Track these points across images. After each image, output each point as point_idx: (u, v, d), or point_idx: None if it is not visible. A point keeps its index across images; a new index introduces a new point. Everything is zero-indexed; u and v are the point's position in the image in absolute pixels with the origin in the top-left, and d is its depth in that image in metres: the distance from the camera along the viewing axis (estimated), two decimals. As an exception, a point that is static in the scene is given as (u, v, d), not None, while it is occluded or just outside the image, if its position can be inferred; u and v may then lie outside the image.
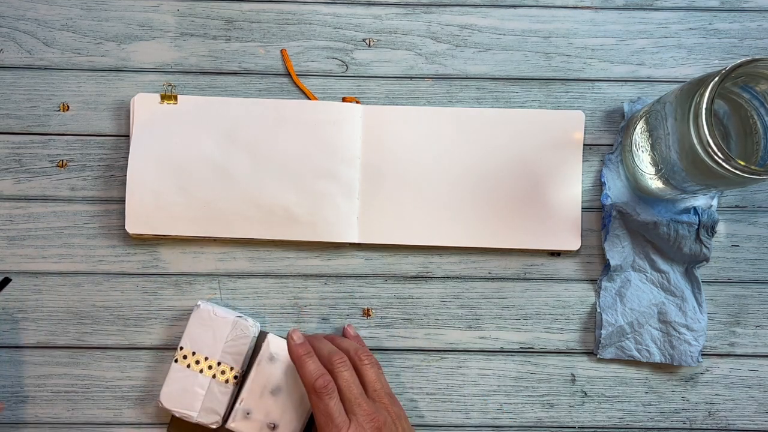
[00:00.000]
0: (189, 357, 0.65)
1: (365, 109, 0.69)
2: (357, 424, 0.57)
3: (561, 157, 0.69)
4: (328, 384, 0.58)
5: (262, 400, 0.64)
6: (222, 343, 0.65)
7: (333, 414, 0.57)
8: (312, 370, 0.59)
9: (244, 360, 0.65)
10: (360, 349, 0.62)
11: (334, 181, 0.68)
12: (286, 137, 0.69)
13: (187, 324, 0.66)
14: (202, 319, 0.65)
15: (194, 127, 0.69)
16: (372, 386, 0.60)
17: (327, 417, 0.58)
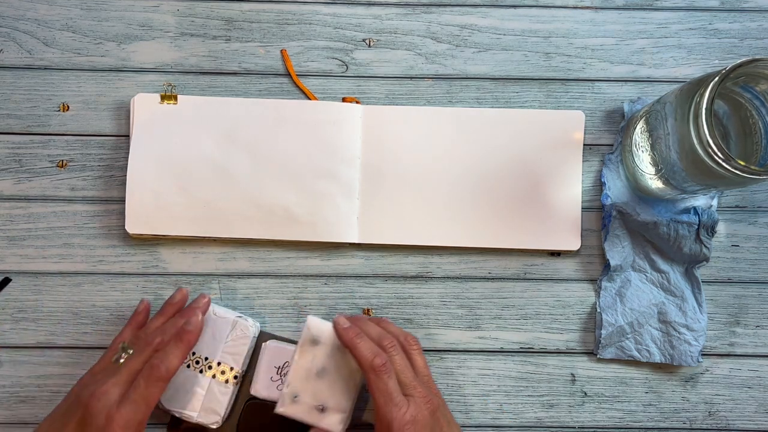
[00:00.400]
0: (189, 357, 0.65)
1: (365, 109, 0.69)
2: (415, 405, 0.57)
3: (561, 157, 0.69)
4: (386, 362, 0.58)
5: (309, 383, 0.63)
6: (222, 343, 0.65)
7: (392, 393, 0.58)
8: (368, 350, 0.59)
9: (244, 360, 0.65)
10: (409, 335, 0.63)
11: (334, 181, 0.68)
12: (286, 137, 0.69)
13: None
14: None
15: (194, 127, 0.69)
16: (421, 372, 0.61)
17: (386, 396, 0.57)
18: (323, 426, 0.62)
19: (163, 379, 0.57)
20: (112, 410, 0.54)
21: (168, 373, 0.57)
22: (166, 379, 0.57)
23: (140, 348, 0.60)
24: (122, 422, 0.54)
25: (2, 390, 0.68)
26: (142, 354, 0.59)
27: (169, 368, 0.57)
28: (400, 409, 0.57)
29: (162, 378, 0.57)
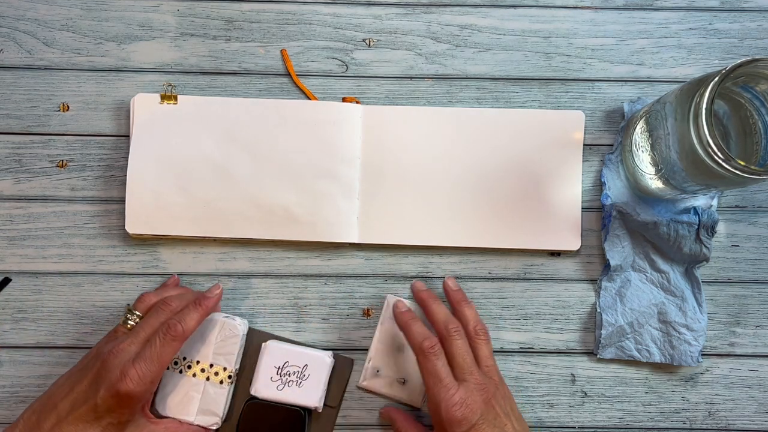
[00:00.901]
0: (180, 362, 0.65)
1: (365, 109, 0.69)
2: (466, 389, 0.58)
3: (561, 157, 0.69)
4: (434, 345, 0.60)
5: (390, 358, 0.67)
6: (212, 345, 0.65)
7: (441, 374, 0.59)
8: (417, 332, 0.61)
9: (236, 359, 0.65)
10: (479, 324, 0.63)
11: (334, 181, 0.68)
12: (286, 137, 0.69)
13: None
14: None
15: (194, 127, 0.69)
16: (485, 362, 0.62)
17: (435, 377, 0.59)
18: (404, 399, 0.67)
19: (179, 338, 0.58)
20: (126, 366, 0.56)
21: (184, 333, 0.59)
22: (182, 338, 0.58)
23: (158, 310, 0.61)
24: (135, 377, 0.56)
25: (2, 390, 0.68)
26: (160, 316, 0.61)
27: (185, 328, 0.59)
28: (449, 391, 0.58)
29: (177, 337, 0.58)
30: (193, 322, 0.60)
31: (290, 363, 0.65)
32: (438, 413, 0.58)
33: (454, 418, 0.57)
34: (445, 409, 0.57)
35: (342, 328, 0.69)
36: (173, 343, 0.58)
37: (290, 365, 0.65)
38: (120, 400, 0.56)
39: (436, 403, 0.58)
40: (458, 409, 0.57)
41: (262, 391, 0.65)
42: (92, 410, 0.56)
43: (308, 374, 0.65)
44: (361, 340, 0.69)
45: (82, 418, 0.57)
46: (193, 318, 0.60)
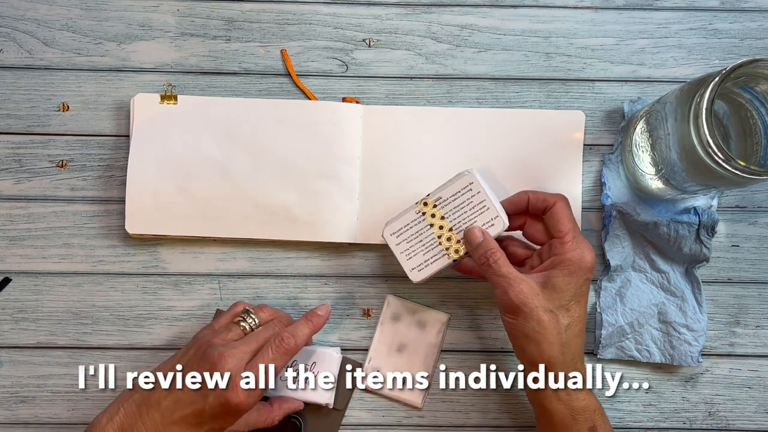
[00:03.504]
0: (435, 215, 0.63)
1: (365, 109, 0.69)
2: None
3: (561, 157, 0.69)
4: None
5: (390, 358, 0.67)
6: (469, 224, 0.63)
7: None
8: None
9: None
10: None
11: (334, 181, 0.68)
12: (286, 137, 0.69)
13: (449, 182, 0.63)
14: (471, 192, 0.62)
15: (194, 127, 0.69)
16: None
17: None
18: (404, 398, 0.67)
19: (290, 352, 0.58)
20: (237, 377, 0.55)
21: (296, 347, 0.58)
22: (293, 352, 0.58)
23: (269, 322, 0.61)
24: (245, 390, 0.55)
25: (2, 390, 0.68)
26: (271, 329, 0.60)
27: (297, 342, 0.58)
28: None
29: (289, 351, 0.58)
30: (304, 338, 0.59)
31: (299, 361, 0.65)
32: (582, 262, 0.59)
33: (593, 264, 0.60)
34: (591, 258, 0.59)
35: (342, 328, 0.69)
36: (284, 357, 0.58)
37: (299, 363, 0.65)
38: (228, 409, 0.55)
39: (580, 257, 0.59)
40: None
41: (271, 391, 0.64)
42: (198, 415, 0.56)
43: (317, 371, 0.64)
44: (361, 340, 0.69)
45: (185, 421, 0.56)
46: (305, 333, 0.59)
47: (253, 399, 0.56)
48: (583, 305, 0.59)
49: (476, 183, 0.62)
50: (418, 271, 0.63)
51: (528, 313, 0.57)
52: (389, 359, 0.68)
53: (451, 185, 0.63)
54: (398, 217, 0.64)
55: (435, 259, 0.63)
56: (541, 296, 0.58)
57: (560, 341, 0.57)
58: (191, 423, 0.56)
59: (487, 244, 0.60)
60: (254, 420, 0.61)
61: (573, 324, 0.58)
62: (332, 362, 0.65)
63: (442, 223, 0.63)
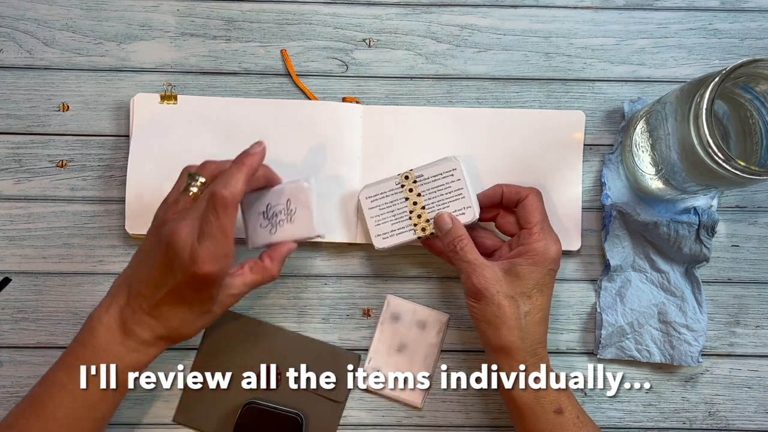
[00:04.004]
0: (413, 190, 0.64)
1: (365, 109, 0.69)
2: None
3: (561, 158, 0.69)
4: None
5: (390, 358, 0.68)
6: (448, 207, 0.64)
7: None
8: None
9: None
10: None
11: (334, 181, 0.68)
12: (286, 137, 0.69)
13: (434, 163, 0.64)
14: (452, 178, 0.64)
15: (194, 127, 0.69)
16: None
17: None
18: (404, 398, 0.67)
19: (229, 204, 0.54)
20: (194, 248, 0.54)
21: (233, 198, 0.55)
22: (233, 204, 0.55)
23: (215, 179, 0.58)
24: (207, 258, 0.54)
25: (2, 390, 0.68)
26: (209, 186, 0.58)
27: (233, 192, 0.55)
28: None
29: (227, 204, 0.54)
30: (239, 184, 0.55)
31: (272, 204, 0.62)
32: (547, 253, 0.60)
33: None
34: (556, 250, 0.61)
35: (342, 328, 0.69)
36: (226, 211, 0.54)
37: (273, 206, 0.62)
38: (201, 280, 0.55)
39: (545, 247, 0.61)
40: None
41: (257, 241, 0.63)
42: (176, 292, 0.56)
43: (294, 208, 0.62)
44: (361, 340, 0.69)
45: (168, 301, 0.56)
46: (238, 179, 0.55)
47: (218, 264, 0.55)
48: (547, 295, 0.61)
49: (459, 170, 0.64)
50: (382, 239, 0.65)
51: (489, 298, 0.59)
52: (389, 359, 0.68)
53: (436, 166, 0.65)
54: (378, 183, 0.66)
55: (401, 232, 0.65)
56: (504, 282, 0.60)
57: (519, 326, 0.59)
58: (175, 301, 0.56)
59: (456, 231, 0.62)
60: (251, 279, 0.60)
61: (533, 311, 0.60)
62: (306, 193, 0.62)
63: (417, 199, 0.64)
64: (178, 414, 0.68)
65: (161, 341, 0.58)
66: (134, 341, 0.57)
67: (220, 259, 0.55)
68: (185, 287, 0.56)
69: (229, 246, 0.55)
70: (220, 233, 0.54)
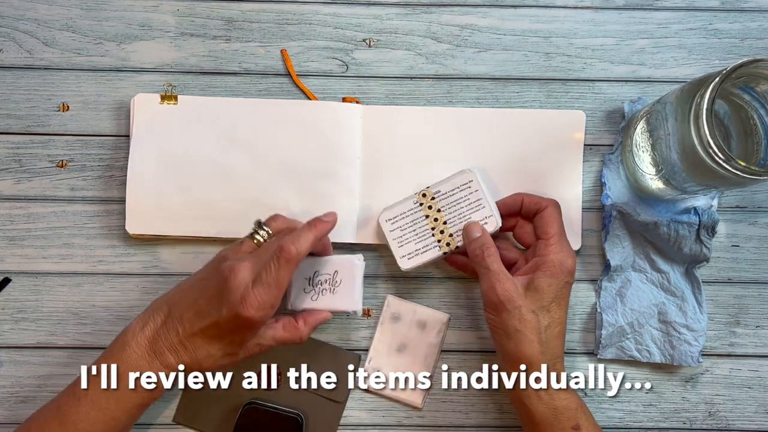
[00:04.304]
0: (432, 207, 0.65)
1: (365, 109, 0.69)
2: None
3: (561, 157, 0.69)
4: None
5: (390, 359, 0.68)
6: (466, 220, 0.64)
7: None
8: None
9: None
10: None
11: (334, 181, 0.68)
12: (286, 137, 0.69)
13: (449, 177, 0.65)
14: (470, 189, 0.65)
15: (194, 127, 0.69)
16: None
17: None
18: (404, 398, 0.67)
19: (293, 260, 0.57)
20: (246, 290, 0.56)
21: (298, 255, 0.57)
22: (296, 260, 0.57)
23: (281, 231, 0.61)
24: (255, 303, 0.56)
25: (2, 390, 0.68)
26: (280, 239, 0.59)
27: (299, 250, 0.57)
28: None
29: (291, 259, 0.57)
30: (306, 244, 0.58)
31: (320, 272, 0.64)
32: (564, 265, 0.61)
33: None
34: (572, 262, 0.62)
35: (342, 328, 0.69)
36: (288, 266, 0.57)
37: (320, 274, 0.64)
38: (241, 323, 0.57)
39: (562, 260, 0.61)
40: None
41: (297, 304, 0.64)
42: (215, 327, 0.57)
43: (340, 280, 0.64)
44: (361, 340, 0.69)
45: (205, 333, 0.58)
46: (307, 239, 0.58)
47: (263, 312, 0.57)
48: (564, 308, 0.61)
49: (476, 181, 0.64)
50: (408, 259, 0.65)
51: (511, 311, 0.59)
52: (389, 359, 0.68)
53: (452, 180, 0.65)
54: (396, 205, 0.66)
55: (426, 250, 0.65)
56: (525, 297, 0.60)
57: (540, 340, 0.59)
58: (210, 335, 0.58)
59: (485, 239, 0.62)
60: (281, 336, 0.61)
61: (553, 325, 0.60)
62: (354, 269, 0.64)
63: (438, 215, 0.64)
64: (178, 414, 0.67)
65: (179, 368, 0.59)
66: (160, 362, 0.58)
67: (266, 308, 0.57)
68: (225, 325, 0.57)
69: (278, 298, 0.57)
70: (275, 284, 0.57)
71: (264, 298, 0.56)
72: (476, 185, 0.64)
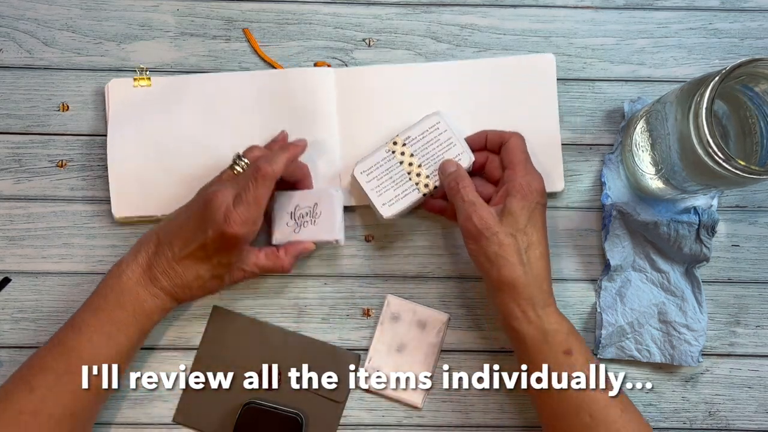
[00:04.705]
0: (404, 153, 0.66)
1: (337, 72, 0.70)
2: None
3: (536, 100, 0.70)
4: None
5: (390, 358, 0.68)
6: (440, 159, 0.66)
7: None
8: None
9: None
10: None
11: (314, 149, 0.68)
12: (262, 108, 0.69)
13: (417, 123, 0.66)
14: (438, 131, 0.66)
15: (171, 107, 0.69)
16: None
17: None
18: (404, 398, 0.67)
19: (269, 177, 0.60)
20: (228, 209, 0.60)
21: (273, 173, 0.61)
22: (272, 178, 0.61)
23: (257, 158, 0.63)
24: (238, 220, 0.59)
25: (2, 390, 0.68)
26: (254, 163, 0.63)
27: (274, 169, 0.61)
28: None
29: (267, 177, 0.60)
30: (280, 164, 0.61)
31: (300, 206, 0.66)
32: (531, 186, 0.62)
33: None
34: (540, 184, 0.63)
35: (342, 328, 0.69)
36: (264, 183, 0.60)
37: (301, 207, 0.66)
38: (226, 241, 0.60)
39: (529, 182, 0.62)
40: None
41: (280, 238, 0.66)
42: (202, 249, 0.61)
43: (320, 211, 0.65)
44: (361, 340, 0.69)
45: (194, 255, 0.61)
46: (281, 159, 0.61)
47: (246, 228, 0.60)
48: (540, 230, 0.62)
49: (443, 122, 0.66)
50: (389, 206, 0.65)
51: (489, 238, 0.60)
52: (389, 359, 0.68)
53: (419, 125, 0.66)
54: (369, 156, 0.66)
55: (405, 194, 0.65)
56: (501, 223, 0.61)
57: (521, 261, 0.60)
58: (199, 257, 0.61)
59: (459, 172, 0.64)
60: (263, 263, 0.64)
61: (532, 246, 0.61)
62: (333, 200, 0.66)
63: (411, 159, 0.66)
64: (178, 414, 0.67)
65: (173, 295, 0.63)
66: (156, 287, 0.62)
67: (249, 225, 0.60)
68: (212, 244, 0.60)
69: (258, 215, 0.61)
70: (254, 202, 0.60)
71: (245, 215, 0.59)
72: (444, 126, 0.66)
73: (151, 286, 0.62)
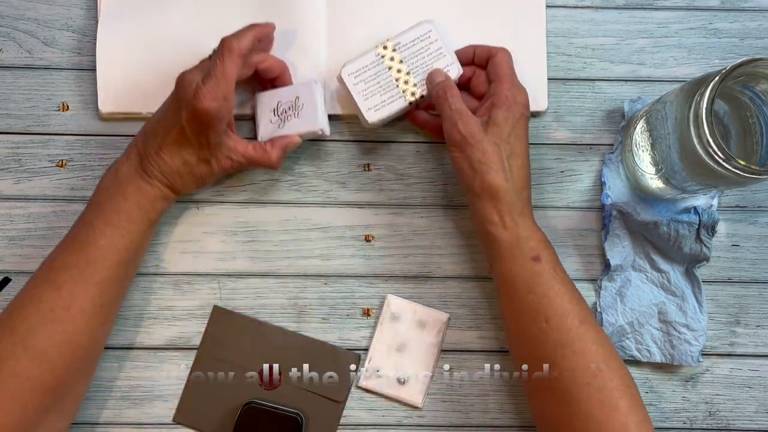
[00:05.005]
0: (394, 59, 0.66)
1: None
2: None
3: (525, 21, 0.70)
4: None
5: (390, 358, 0.68)
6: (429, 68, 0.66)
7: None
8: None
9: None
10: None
11: (298, 51, 0.69)
12: (252, 10, 0.69)
13: (408, 30, 0.66)
14: (429, 39, 0.66)
15: (162, 4, 0.69)
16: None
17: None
18: (404, 398, 0.67)
19: (234, 51, 0.61)
20: (198, 86, 0.60)
21: (239, 48, 0.61)
22: (237, 52, 0.61)
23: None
24: (208, 95, 0.60)
25: (2, 390, 0.68)
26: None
27: (240, 43, 0.62)
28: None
29: (233, 50, 0.61)
30: (247, 40, 0.62)
31: (282, 101, 0.66)
32: (516, 98, 0.63)
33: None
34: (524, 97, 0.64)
35: (342, 328, 0.69)
36: (231, 57, 0.61)
37: (283, 103, 0.66)
38: (199, 117, 0.60)
39: (514, 94, 0.63)
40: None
41: (265, 135, 0.66)
42: (181, 133, 0.62)
43: (302, 104, 0.66)
44: (361, 340, 0.69)
45: (176, 142, 0.62)
46: (247, 36, 0.62)
47: (216, 102, 0.60)
48: (522, 141, 0.63)
49: (434, 31, 0.66)
50: (374, 111, 0.65)
51: (474, 145, 0.61)
52: (389, 359, 0.68)
53: (411, 32, 0.66)
54: (358, 58, 0.66)
55: (392, 101, 0.66)
56: (486, 132, 0.62)
57: (503, 168, 0.61)
58: (180, 142, 0.62)
59: (447, 81, 0.65)
60: (251, 154, 0.64)
61: (515, 155, 0.62)
62: (314, 91, 0.66)
63: (400, 66, 0.66)
64: (178, 414, 0.68)
65: (168, 185, 0.64)
66: (151, 177, 0.63)
67: (219, 99, 0.60)
68: (188, 125, 0.61)
69: (228, 89, 0.61)
70: (222, 76, 0.60)
71: (214, 89, 0.60)
72: (435, 35, 0.66)
73: (146, 177, 0.63)
